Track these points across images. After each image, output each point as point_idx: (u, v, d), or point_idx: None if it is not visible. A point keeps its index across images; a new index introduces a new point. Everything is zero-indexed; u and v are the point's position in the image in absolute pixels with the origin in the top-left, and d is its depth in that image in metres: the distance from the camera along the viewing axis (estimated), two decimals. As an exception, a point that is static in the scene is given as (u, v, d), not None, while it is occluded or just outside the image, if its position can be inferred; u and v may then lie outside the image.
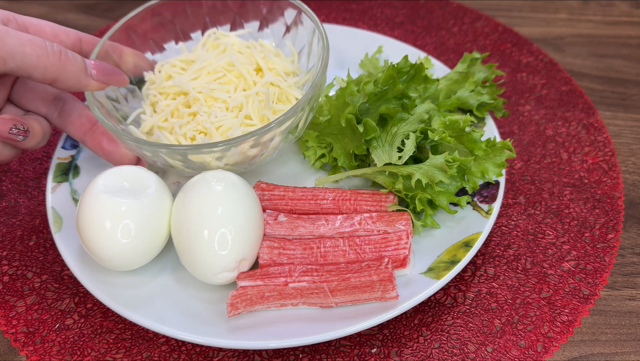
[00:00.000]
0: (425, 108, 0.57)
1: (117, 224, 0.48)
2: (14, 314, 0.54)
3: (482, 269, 0.56)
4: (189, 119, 0.57)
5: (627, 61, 0.79)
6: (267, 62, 0.61)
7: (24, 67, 0.49)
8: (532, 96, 0.73)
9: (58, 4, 0.92)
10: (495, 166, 0.55)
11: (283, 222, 0.54)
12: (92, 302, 0.54)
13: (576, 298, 0.54)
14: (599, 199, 0.61)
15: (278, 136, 0.54)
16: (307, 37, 0.63)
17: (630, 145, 0.68)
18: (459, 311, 0.53)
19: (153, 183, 0.51)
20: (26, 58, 0.48)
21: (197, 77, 0.59)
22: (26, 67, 0.49)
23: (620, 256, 0.57)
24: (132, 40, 0.63)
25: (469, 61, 0.64)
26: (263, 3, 0.66)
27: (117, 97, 0.60)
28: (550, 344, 0.51)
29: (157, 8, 0.64)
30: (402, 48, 0.71)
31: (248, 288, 0.49)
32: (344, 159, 0.58)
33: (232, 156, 0.53)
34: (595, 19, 0.86)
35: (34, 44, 0.49)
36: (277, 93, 0.60)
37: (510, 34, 0.82)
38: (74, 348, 0.51)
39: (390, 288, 0.49)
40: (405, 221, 0.53)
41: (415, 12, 0.87)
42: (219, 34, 0.64)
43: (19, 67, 0.49)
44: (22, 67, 0.49)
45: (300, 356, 0.51)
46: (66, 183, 0.60)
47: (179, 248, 0.50)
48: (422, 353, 0.50)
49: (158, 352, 0.51)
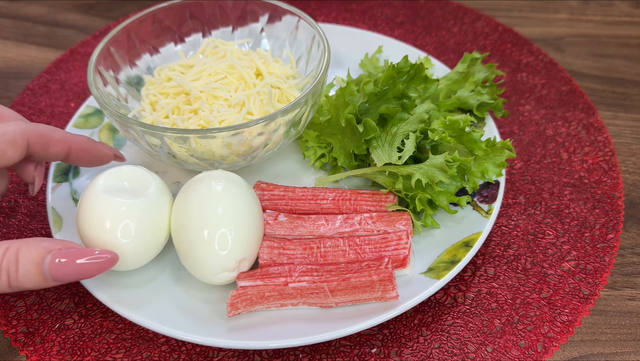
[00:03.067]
0: (425, 108, 0.57)
1: (117, 224, 0.48)
2: (14, 314, 0.54)
3: (482, 269, 0.56)
4: (190, 115, 0.57)
5: (627, 61, 0.79)
6: (267, 66, 0.61)
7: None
8: (532, 96, 0.73)
9: (58, 4, 0.92)
10: (495, 166, 0.55)
11: (283, 222, 0.54)
12: (92, 302, 0.54)
13: (576, 298, 0.54)
14: (599, 199, 0.61)
15: (282, 127, 0.54)
16: (306, 43, 0.63)
17: (630, 145, 0.68)
18: (459, 311, 0.53)
19: (153, 183, 0.51)
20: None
21: (198, 79, 0.60)
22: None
23: (620, 256, 0.57)
24: (132, 43, 0.63)
25: (469, 61, 0.64)
26: (262, 10, 0.66)
27: (117, 96, 0.60)
28: (550, 344, 0.51)
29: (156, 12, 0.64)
30: (402, 48, 0.71)
31: (248, 288, 0.49)
32: (344, 159, 0.58)
33: (238, 144, 0.53)
34: (595, 19, 0.86)
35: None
36: (277, 94, 0.60)
37: (510, 34, 0.82)
38: (74, 348, 0.51)
39: (390, 288, 0.49)
40: (405, 221, 0.53)
41: (415, 12, 0.87)
42: (217, 43, 0.64)
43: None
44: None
45: (300, 356, 0.51)
46: (66, 183, 0.60)
47: (179, 248, 0.50)
48: (422, 353, 0.50)
49: (158, 352, 0.51)
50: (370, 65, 0.69)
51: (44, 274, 0.44)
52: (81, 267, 0.45)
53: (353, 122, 0.55)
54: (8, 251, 0.43)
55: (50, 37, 0.86)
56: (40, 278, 0.44)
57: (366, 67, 0.69)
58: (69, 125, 0.65)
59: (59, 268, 0.44)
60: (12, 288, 0.44)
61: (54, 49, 0.84)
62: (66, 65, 0.80)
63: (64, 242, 0.46)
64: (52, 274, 0.44)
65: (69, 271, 0.44)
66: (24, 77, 0.79)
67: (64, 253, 0.44)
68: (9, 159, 0.49)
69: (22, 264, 0.43)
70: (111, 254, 0.46)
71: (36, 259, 0.44)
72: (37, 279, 0.44)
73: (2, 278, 0.43)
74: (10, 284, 0.44)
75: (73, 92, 0.76)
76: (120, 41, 0.62)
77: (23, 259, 0.43)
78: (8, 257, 0.43)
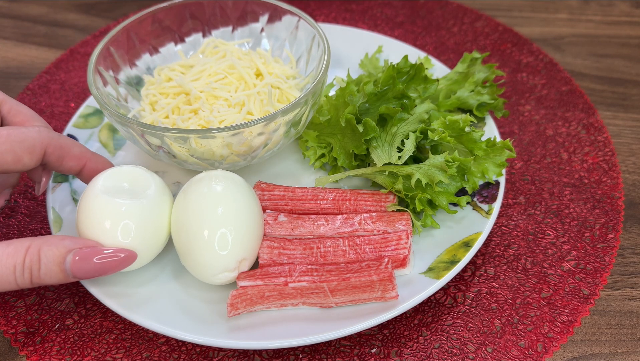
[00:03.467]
0: (425, 108, 0.57)
1: (117, 224, 0.48)
2: (14, 314, 0.54)
3: (482, 269, 0.56)
4: (190, 115, 0.57)
5: (627, 61, 0.79)
6: (267, 66, 0.61)
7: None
8: (532, 96, 0.73)
9: (58, 4, 0.92)
10: (495, 166, 0.55)
11: (283, 222, 0.54)
12: (92, 302, 0.54)
13: (576, 298, 0.54)
14: (599, 199, 0.61)
15: (283, 127, 0.54)
16: (306, 43, 0.63)
17: (630, 145, 0.68)
18: (459, 311, 0.53)
19: (153, 183, 0.51)
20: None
21: (198, 79, 0.60)
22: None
23: (620, 256, 0.57)
24: (132, 43, 0.63)
25: (469, 61, 0.64)
26: (262, 10, 0.66)
27: (117, 96, 0.60)
28: (550, 344, 0.51)
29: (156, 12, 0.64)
30: (402, 48, 0.71)
31: (248, 288, 0.49)
32: (344, 159, 0.58)
33: (238, 144, 0.53)
34: (595, 19, 0.86)
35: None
36: (277, 94, 0.60)
37: (510, 34, 0.82)
38: (74, 348, 0.51)
39: (390, 288, 0.49)
40: (405, 221, 0.53)
41: (415, 12, 0.87)
42: (217, 43, 0.64)
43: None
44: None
45: (300, 356, 0.51)
46: (66, 183, 0.60)
47: (179, 248, 0.50)
48: (422, 353, 0.50)
49: (158, 352, 0.51)
50: (370, 65, 0.69)
51: (65, 272, 0.46)
52: (102, 265, 0.47)
53: (353, 122, 0.55)
54: (30, 250, 0.45)
55: (50, 37, 0.86)
56: (62, 276, 0.46)
57: (366, 67, 0.69)
58: (69, 125, 0.65)
59: (80, 266, 0.46)
60: (33, 284, 0.46)
61: (54, 49, 0.84)
62: (66, 65, 0.80)
63: (84, 240, 0.47)
64: (73, 272, 0.46)
65: (90, 269, 0.47)
66: (24, 77, 0.79)
67: (85, 252, 0.46)
68: (24, 166, 0.49)
69: (45, 263, 0.45)
70: (129, 252, 0.48)
71: (58, 258, 0.45)
72: (58, 277, 0.46)
73: (25, 275, 0.45)
74: (33, 281, 0.46)
75: (73, 92, 0.76)
76: (120, 41, 0.62)
77: (45, 258, 0.45)
78: (30, 256, 0.45)
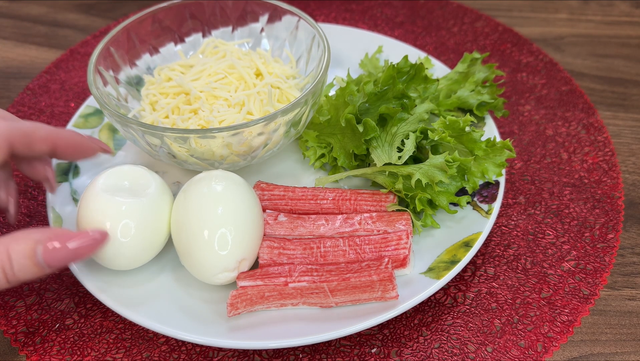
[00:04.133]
0: (425, 108, 0.57)
1: (117, 223, 0.48)
2: (14, 314, 0.54)
3: (482, 269, 0.56)
4: (190, 115, 0.57)
5: (627, 61, 0.79)
6: (267, 66, 0.61)
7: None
8: (532, 96, 0.73)
9: (58, 4, 0.92)
10: (495, 166, 0.55)
11: (283, 222, 0.54)
12: (92, 302, 0.54)
13: (576, 298, 0.54)
14: (599, 199, 0.61)
15: (283, 127, 0.54)
16: (306, 43, 0.63)
17: (630, 145, 0.68)
18: (459, 311, 0.53)
19: (153, 183, 0.51)
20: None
21: (198, 79, 0.60)
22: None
23: (620, 256, 0.57)
24: (132, 43, 0.63)
25: (469, 60, 0.64)
26: (262, 10, 0.66)
27: (117, 96, 0.60)
28: (550, 344, 0.51)
29: (156, 12, 0.64)
30: (402, 48, 0.71)
31: (248, 288, 0.49)
32: (343, 159, 0.58)
33: (238, 144, 0.53)
34: (595, 19, 0.86)
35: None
36: (277, 94, 0.60)
37: (510, 34, 0.82)
38: (74, 348, 0.51)
39: (390, 288, 0.49)
40: (405, 221, 0.53)
41: (415, 12, 0.87)
42: (217, 43, 0.64)
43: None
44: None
45: (300, 356, 0.51)
46: (66, 183, 0.60)
47: (179, 247, 0.50)
48: (422, 353, 0.50)
49: (158, 352, 0.51)
50: (370, 65, 0.69)
51: (39, 264, 0.44)
52: (73, 251, 0.45)
53: (353, 122, 0.55)
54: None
55: (50, 37, 0.86)
56: (36, 269, 0.44)
57: (366, 67, 0.69)
58: (69, 125, 0.65)
59: (52, 255, 0.44)
60: (10, 283, 0.44)
61: (54, 49, 0.84)
62: (66, 65, 0.80)
63: (51, 230, 0.46)
64: (47, 263, 0.44)
65: (62, 256, 0.45)
66: (24, 77, 0.79)
67: (54, 241, 0.45)
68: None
69: (16, 260, 0.44)
70: (100, 233, 0.47)
71: (28, 252, 0.44)
72: (33, 271, 0.44)
73: (0, 276, 0.44)
74: (9, 280, 0.44)
75: (73, 92, 0.76)
76: (120, 41, 0.62)
77: (15, 255, 0.44)
78: (0, 256, 0.44)
